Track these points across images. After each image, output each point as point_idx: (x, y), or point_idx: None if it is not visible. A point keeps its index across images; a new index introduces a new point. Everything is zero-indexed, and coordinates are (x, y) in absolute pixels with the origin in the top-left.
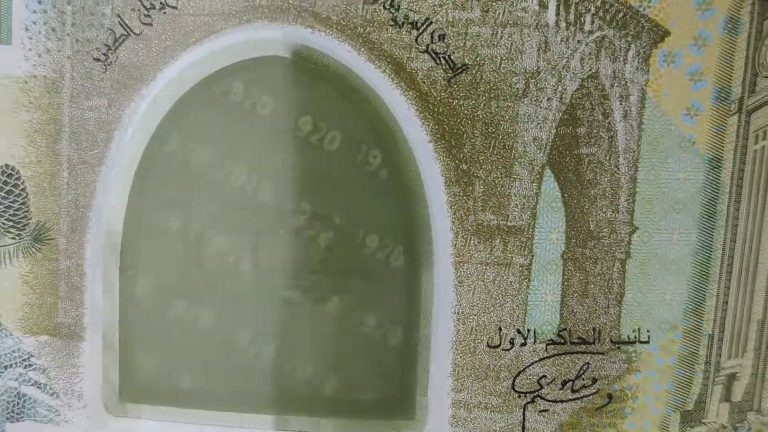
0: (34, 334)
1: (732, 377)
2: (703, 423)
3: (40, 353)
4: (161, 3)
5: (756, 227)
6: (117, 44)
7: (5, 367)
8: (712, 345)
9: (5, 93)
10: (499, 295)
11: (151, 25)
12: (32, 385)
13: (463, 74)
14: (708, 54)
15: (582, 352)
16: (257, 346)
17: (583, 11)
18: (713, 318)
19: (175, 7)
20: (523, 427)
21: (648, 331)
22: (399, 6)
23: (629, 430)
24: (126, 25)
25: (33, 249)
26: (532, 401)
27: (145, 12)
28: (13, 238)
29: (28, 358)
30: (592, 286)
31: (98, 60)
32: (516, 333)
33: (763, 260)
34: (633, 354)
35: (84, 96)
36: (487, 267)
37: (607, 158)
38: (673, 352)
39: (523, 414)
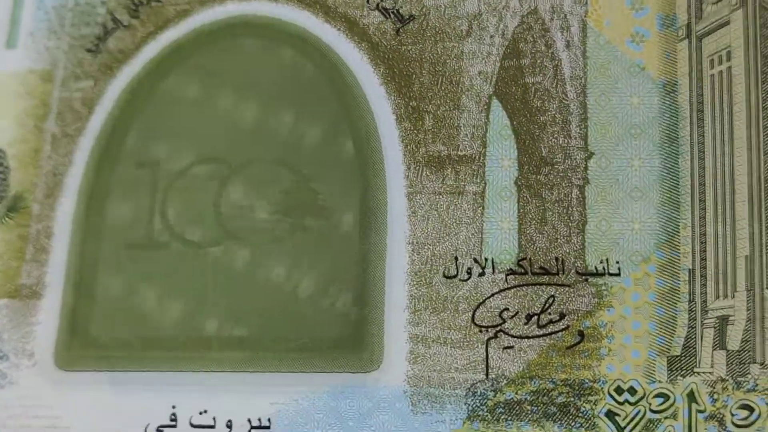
0: None
1: (724, 320)
2: (697, 373)
3: None
4: None
5: (726, 154)
6: (107, 35)
7: None
8: (694, 281)
9: (7, 88)
10: (454, 224)
11: (138, 17)
12: None
13: (411, 24)
14: None
15: (546, 284)
16: (212, 295)
17: None
18: (691, 251)
19: (159, 1)
20: (487, 365)
21: (617, 262)
22: None
23: (608, 375)
24: (117, 19)
25: (6, 218)
26: (495, 336)
27: (134, 7)
28: None
29: None
30: (550, 213)
31: (90, 50)
32: (473, 262)
33: (740, 189)
34: (603, 287)
35: (74, 80)
36: (440, 196)
37: (554, 86)
38: (649, 286)
39: (486, 350)
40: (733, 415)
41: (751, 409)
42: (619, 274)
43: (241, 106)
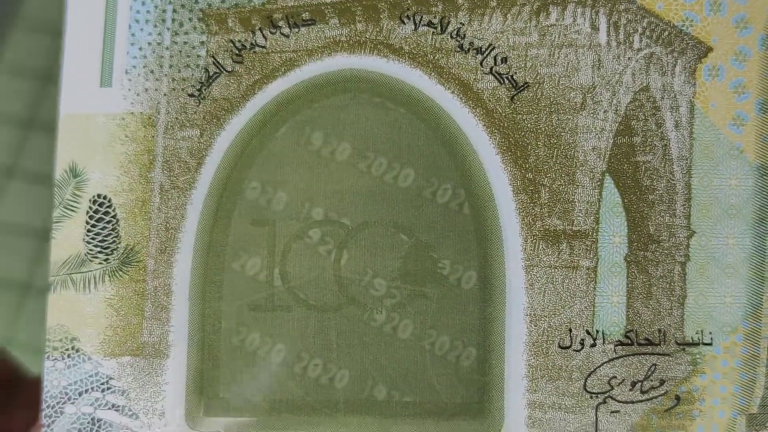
0: (115, 356)
1: None
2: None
3: (121, 375)
4: (251, 43)
5: None
6: (210, 81)
7: (80, 393)
8: None
9: (103, 130)
10: (568, 297)
11: (242, 63)
12: (110, 408)
13: (525, 92)
14: (749, 68)
15: (649, 353)
16: (338, 358)
17: (631, 31)
18: None
19: (264, 47)
20: (596, 428)
21: (710, 333)
22: (465, 34)
23: None
24: (219, 64)
25: (120, 272)
26: (604, 402)
27: (237, 52)
28: (100, 263)
29: (107, 381)
30: (655, 288)
31: (192, 96)
32: (585, 334)
33: None
34: (698, 356)
35: (178, 127)
36: (556, 270)
37: (662, 165)
38: (736, 354)
39: (596, 415)
40: None
41: None
42: (711, 344)
43: (357, 165)
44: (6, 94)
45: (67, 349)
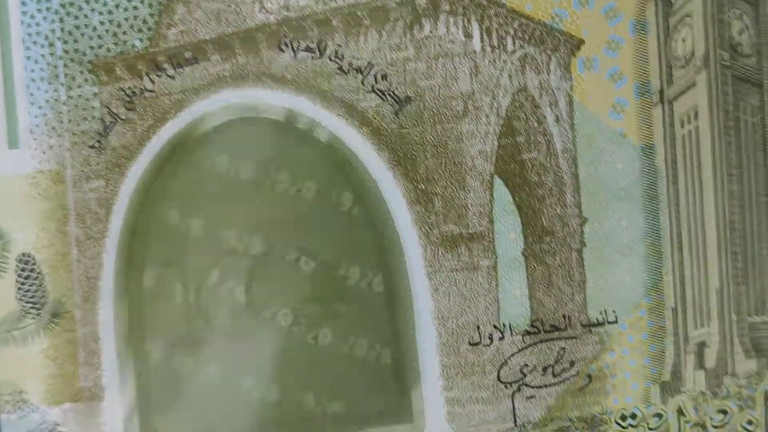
0: (57, 404)
1: (702, 345)
2: (683, 392)
3: (65, 421)
4: (141, 89)
5: (697, 203)
6: (107, 131)
7: None
8: (677, 317)
9: (18, 191)
10: (472, 297)
11: (134, 110)
12: None
13: (408, 105)
14: (623, 55)
15: (556, 339)
16: (262, 387)
17: (503, 34)
18: (673, 292)
19: (152, 91)
20: (514, 415)
21: (614, 311)
22: (343, 56)
23: (614, 406)
24: (113, 113)
25: (52, 324)
26: (519, 390)
27: (128, 99)
28: (33, 318)
29: (55, 427)
30: (555, 276)
31: (93, 147)
32: (493, 329)
33: (709, 233)
34: (604, 335)
35: (84, 180)
36: (458, 273)
37: (548, 160)
38: (642, 328)
39: (512, 402)
40: (712, 419)
41: (726, 413)
42: (616, 322)
43: (254, 197)
44: None
45: (17, 401)
